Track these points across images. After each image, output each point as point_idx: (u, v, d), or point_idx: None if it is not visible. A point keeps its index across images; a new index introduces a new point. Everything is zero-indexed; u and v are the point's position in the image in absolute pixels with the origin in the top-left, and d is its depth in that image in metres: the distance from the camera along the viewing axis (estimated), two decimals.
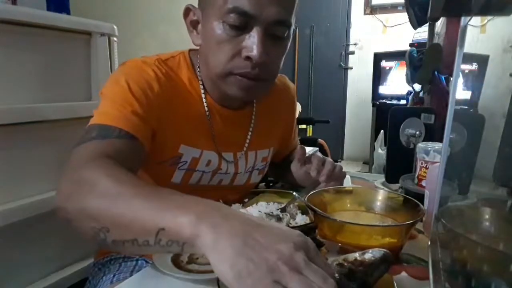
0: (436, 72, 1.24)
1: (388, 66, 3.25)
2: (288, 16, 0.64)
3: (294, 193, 0.75)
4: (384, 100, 3.14)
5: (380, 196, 0.67)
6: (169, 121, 0.68)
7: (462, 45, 0.47)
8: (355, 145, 4.17)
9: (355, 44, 4.11)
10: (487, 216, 0.50)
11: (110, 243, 0.42)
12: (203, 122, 0.73)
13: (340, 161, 4.12)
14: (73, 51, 1.09)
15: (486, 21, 2.79)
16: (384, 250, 0.44)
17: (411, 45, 2.22)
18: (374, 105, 3.13)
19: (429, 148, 0.76)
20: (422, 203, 0.61)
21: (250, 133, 0.80)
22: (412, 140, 0.93)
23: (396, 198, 0.66)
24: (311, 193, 0.64)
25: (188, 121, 0.71)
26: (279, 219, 0.65)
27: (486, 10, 0.45)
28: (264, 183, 1.05)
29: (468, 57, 1.84)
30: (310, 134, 3.46)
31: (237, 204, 0.71)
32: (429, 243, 0.50)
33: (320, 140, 2.69)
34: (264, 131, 0.83)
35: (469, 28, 0.48)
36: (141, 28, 1.80)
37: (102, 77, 1.13)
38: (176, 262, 0.53)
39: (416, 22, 1.23)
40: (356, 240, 0.53)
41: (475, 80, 1.82)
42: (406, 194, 0.70)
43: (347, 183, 0.99)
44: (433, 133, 0.91)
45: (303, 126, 3.38)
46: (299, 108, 3.26)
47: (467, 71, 1.84)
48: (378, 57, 3.28)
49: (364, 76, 3.80)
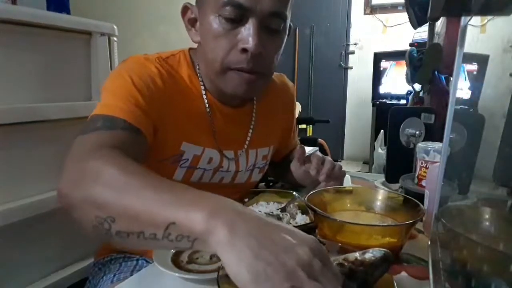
0: (436, 72, 1.24)
1: (388, 66, 3.25)
2: (284, 9, 0.64)
3: (294, 193, 0.75)
4: (384, 100, 3.14)
5: (380, 196, 0.67)
6: (171, 118, 0.68)
7: (462, 45, 0.47)
8: (355, 145, 4.17)
9: (355, 44, 4.10)
10: (487, 216, 0.50)
11: (114, 234, 0.40)
12: (204, 120, 0.73)
13: (340, 161, 4.12)
14: (73, 51, 1.08)
15: (486, 21, 2.79)
16: (385, 250, 0.44)
17: (411, 45, 2.22)
18: (374, 105, 3.13)
19: (429, 148, 0.76)
20: (422, 203, 0.61)
21: (251, 131, 0.80)
22: (412, 140, 0.93)
23: (396, 198, 0.66)
24: (311, 193, 0.64)
25: (190, 119, 0.71)
26: (279, 219, 0.65)
27: (486, 10, 0.45)
28: (264, 183, 1.05)
29: (468, 57, 1.84)
30: (310, 134, 3.46)
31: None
32: (429, 243, 0.50)
33: (320, 140, 2.69)
34: (264, 129, 0.83)
35: (469, 28, 0.48)
36: (141, 28, 1.80)
37: (102, 77, 1.13)
38: (176, 262, 0.53)
39: (416, 22, 1.23)
40: (356, 240, 0.53)
41: (475, 80, 1.82)
42: (406, 194, 0.70)
43: (347, 183, 0.99)
44: (433, 133, 0.91)
45: (303, 126, 3.38)
46: (299, 108, 3.26)
47: (467, 71, 1.84)
48: (378, 57, 3.28)
49: (364, 76, 3.80)
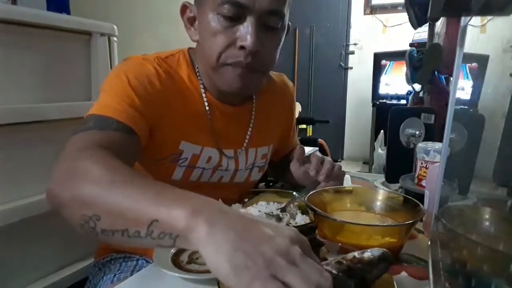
0: (436, 72, 1.24)
1: (388, 66, 3.25)
2: (282, 6, 0.65)
3: (294, 193, 0.75)
4: (384, 100, 3.14)
5: (380, 196, 0.67)
6: (169, 118, 0.68)
7: (462, 45, 0.47)
8: (355, 145, 4.16)
9: (355, 44, 4.10)
10: (487, 216, 0.50)
11: (100, 232, 0.40)
12: (204, 119, 0.73)
13: (340, 161, 4.12)
14: (73, 51, 1.08)
15: (486, 21, 2.79)
16: (383, 250, 0.44)
17: (411, 45, 2.22)
18: (374, 105, 3.13)
19: (429, 148, 0.76)
20: (422, 203, 0.61)
21: (250, 130, 0.81)
22: (412, 140, 0.93)
23: (396, 198, 0.66)
24: (311, 193, 0.64)
25: (189, 118, 0.71)
26: (279, 219, 0.65)
27: (486, 10, 0.45)
28: (264, 183, 1.05)
29: (468, 57, 1.84)
30: (310, 134, 3.46)
31: (237, 204, 0.71)
32: (429, 243, 0.50)
33: (320, 140, 2.69)
34: (264, 128, 0.83)
35: (469, 28, 0.48)
36: (141, 28, 1.80)
37: (102, 77, 1.12)
38: (176, 262, 0.53)
39: (416, 22, 1.23)
40: (356, 240, 0.53)
41: (475, 80, 1.82)
42: (406, 194, 0.70)
43: (347, 183, 0.99)
44: (433, 133, 0.91)
45: (303, 126, 3.38)
46: (299, 108, 3.26)
47: (467, 71, 1.84)
48: (378, 57, 3.28)
49: (364, 76, 3.80)
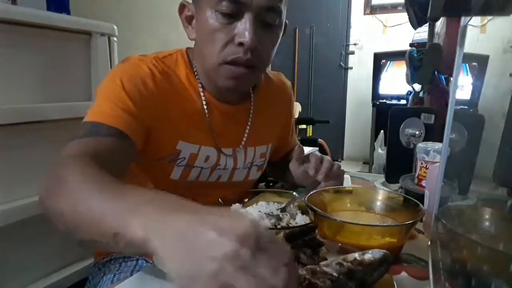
0: (436, 72, 1.24)
1: (388, 66, 3.24)
2: (279, 3, 0.65)
3: (294, 193, 0.74)
4: (384, 100, 3.14)
5: (380, 196, 0.67)
6: (166, 118, 0.69)
7: (462, 45, 0.47)
8: (355, 145, 4.16)
9: (355, 44, 4.10)
10: (487, 216, 0.51)
11: (81, 241, 0.42)
12: (202, 118, 0.73)
13: (340, 161, 4.12)
14: (73, 51, 1.08)
15: (486, 21, 2.78)
16: (384, 251, 0.44)
17: (411, 45, 2.21)
18: (374, 105, 3.13)
19: (429, 148, 0.76)
20: (422, 203, 0.61)
21: (248, 128, 0.81)
22: (412, 140, 0.93)
23: (396, 198, 0.66)
24: (311, 193, 0.64)
25: (186, 118, 0.71)
26: (279, 219, 0.65)
27: (486, 10, 0.45)
28: (264, 183, 1.05)
29: (468, 57, 1.84)
30: (310, 134, 3.46)
31: (237, 204, 0.71)
32: (429, 243, 0.50)
33: (320, 140, 2.69)
34: (262, 127, 0.83)
35: (469, 28, 0.48)
36: (141, 28, 1.80)
37: (102, 77, 1.11)
38: None
39: (416, 22, 1.23)
40: (356, 240, 0.53)
41: (475, 80, 1.82)
42: (406, 194, 0.70)
43: (347, 183, 0.99)
44: (433, 133, 0.91)
45: (303, 126, 3.38)
46: (299, 108, 3.26)
47: (467, 71, 1.84)
48: (378, 57, 3.28)
49: (364, 76, 3.80)
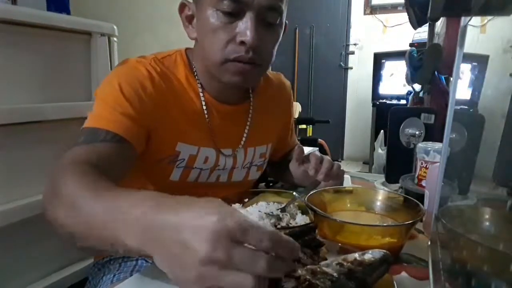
0: (436, 72, 1.24)
1: (388, 66, 3.24)
2: (280, 2, 0.66)
3: (294, 193, 0.74)
4: (384, 100, 3.14)
5: (380, 196, 0.67)
6: (165, 120, 0.69)
7: (462, 45, 0.47)
8: (355, 145, 4.16)
9: (355, 44, 4.10)
10: (487, 216, 0.51)
11: (81, 248, 0.45)
12: (201, 119, 0.73)
13: (340, 161, 4.12)
14: (73, 51, 1.08)
15: (486, 21, 2.78)
16: (384, 251, 0.44)
17: (411, 45, 2.21)
18: (374, 105, 3.13)
19: (429, 148, 0.76)
20: (422, 203, 0.61)
21: (247, 128, 0.81)
22: (412, 140, 0.93)
23: (396, 198, 0.66)
24: (311, 193, 0.64)
25: (185, 119, 0.72)
26: (279, 219, 0.65)
27: (486, 10, 0.45)
28: (264, 183, 1.05)
29: (468, 57, 1.84)
30: (310, 134, 3.46)
31: (237, 204, 0.71)
32: (429, 243, 0.50)
33: (320, 140, 2.69)
34: (262, 127, 0.83)
35: (469, 28, 0.48)
36: (141, 28, 1.80)
37: (102, 77, 1.11)
38: None
39: (416, 22, 1.22)
40: (356, 240, 0.53)
41: (475, 80, 1.81)
42: (406, 194, 0.70)
43: (347, 183, 0.99)
44: (433, 133, 0.91)
45: (303, 126, 3.38)
46: (299, 108, 3.26)
47: (467, 71, 1.84)
48: (378, 57, 3.28)
49: (364, 76, 3.80)
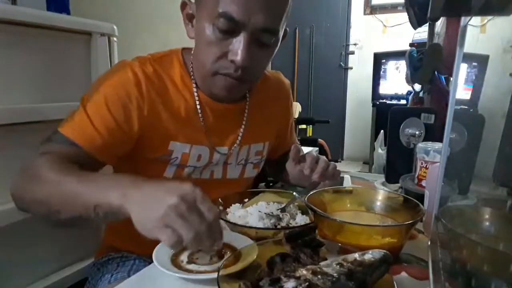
0: (436, 72, 1.24)
1: (388, 66, 3.24)
2: (276, 25, 0.66)
3: (294, 193, 0.75)
4: (384, 100, 3.14)
5: (380, 196, 0.67)
6: (156, 121, 0.70)
7: (462, 45, 0.47)
8: (355, 145, 4.16)
9: (355, 44, 4.10)
10: (487, 216, 0.51)
11: (60, 220, 0.55)
12: (195, 118, 0.74)
13: (340, 161, 4.13)
14: (73, 51, 1.08)
15: (486, 21, 2.78)
16: (384, 252, 0.44)
17: (411, 45, 2.21)
18: (374, 105, 3.13)
19: (429, 148, 0.76)
20: (422, 203, 0.61)
21: (243, 127, 0.81)
22: (412, 140, 0.93)
23: (396, 198, 0.66)
24: (311, 193, 0.64)
25: (178, 118, 0.72)
26: (279, 219, 0.65)
27: (486, 10, 0.45)
28: (264, 183, 1.05)
29: (468, 57, 1.84)
30: (310, 134, 3.46)
31: (237, 204, 0.71)
32: (429, 243, 0.50)
33: (320, 140, 2.69)
34: (258, 125, 0.83)
35: (469, 28, 0.48)
36: (141, 28, 1.80)
37: None
38: (176, 262, 0.53)
39: (416, 22, 1.22)
40: (356, 240, 0.53)
41: (475, 80, 1.82)
42: (406, 194, 0.70)
43: (347, 183, 0.99)
44: (433, 133, 0.91)
45: (303, 126, 3.38)
46: (299, 108, 3.26)
47: (467, 71, 1.84)
48: (378, 57, 3.28)
49: (364, 76, 3.80)
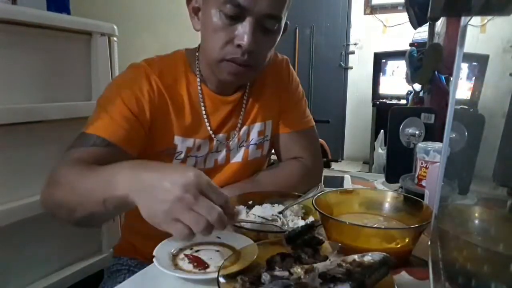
0: (436, 72, 1.24)
1: (388, 66, 3.24)
2: (279, 11, 0.68)
3: (296, 195, 0.75)
4: (384, 100, 3.14)
5: (388, 198, 0.66)
6: (163, 114, 0.74)
7: (462, 45, 0.47)
8: (355, 145, 4.16)
9: (355, 44, 4.10)
10: (487, 216, 0.50)
11: (79, 219, 0.58)
12: (197, 111, 0.77)
13: (340, 161, 4.12)
14: (73, 51, 1.09)
15: (486, 21, 2.78)
16: (384, 254, 0.43)
17: (411, 45, 2.21)
18: (374, 105, 3.13)
19: (429, 148, 0.76)
20: None
21: (242, 113, 0.82)
22: (412, 140, 0.93)
23: (407, 200, 0.64)
24: (318, 195, 0.63)
25: (183, 114, 0.76)
26: (280, 221, 0.65)
27: (486, 10, 0.45)
28: None
29: (468, 57, 1.83)
30: None
31: (241, 206, 0.71)
32: (429, 243, 0.50)
33: (320, 140, 2.68)
34: (257, 106, 0.84)
35: (469, 28, 0.48)
36: (141, 28, 1.79)
37: (102, 77, 1.13)
38: (176, 262, 0.53)
39: (416, 22, 1.22)
40: (366, 244, 0.52)
41: (475, 80, 1.81)
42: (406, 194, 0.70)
43: (347, 183, 0.99)
44: (433, 133, 0.91)
45: None
46: None
47: (467, 71, 1.84)
48: (378, 57, 3.28)
49: (364, 76, 3.80)
